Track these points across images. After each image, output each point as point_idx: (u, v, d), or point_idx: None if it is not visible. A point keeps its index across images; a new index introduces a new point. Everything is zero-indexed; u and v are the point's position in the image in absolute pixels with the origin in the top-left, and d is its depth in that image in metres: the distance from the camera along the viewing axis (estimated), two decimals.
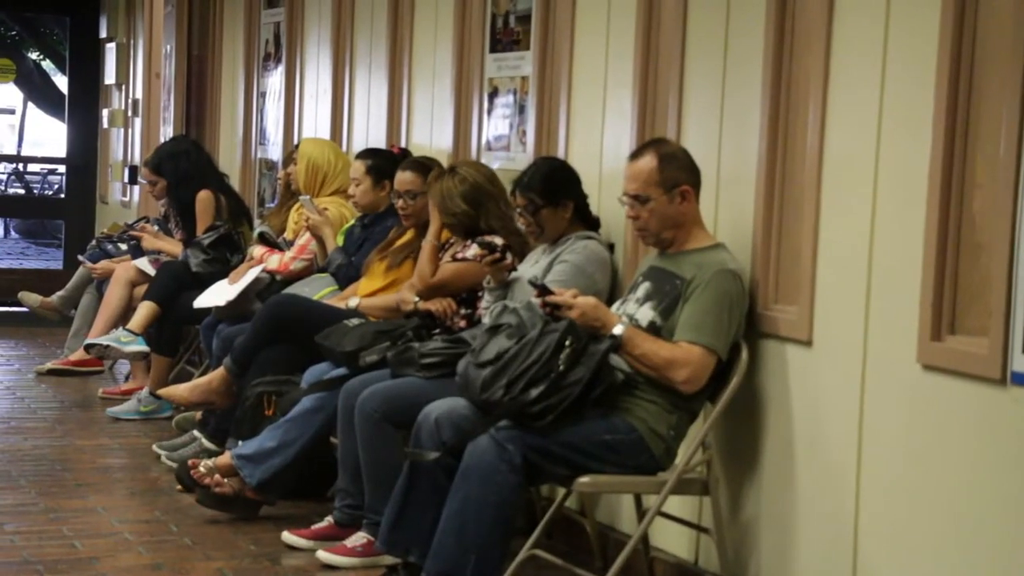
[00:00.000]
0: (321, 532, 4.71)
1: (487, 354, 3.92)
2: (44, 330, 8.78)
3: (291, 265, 6.15)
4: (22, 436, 6.38)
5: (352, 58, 6.85)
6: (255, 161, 8.20)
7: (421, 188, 5.24)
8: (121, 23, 10.60)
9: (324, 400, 4.89)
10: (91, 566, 4.49)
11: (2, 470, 5.71)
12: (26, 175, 19.85)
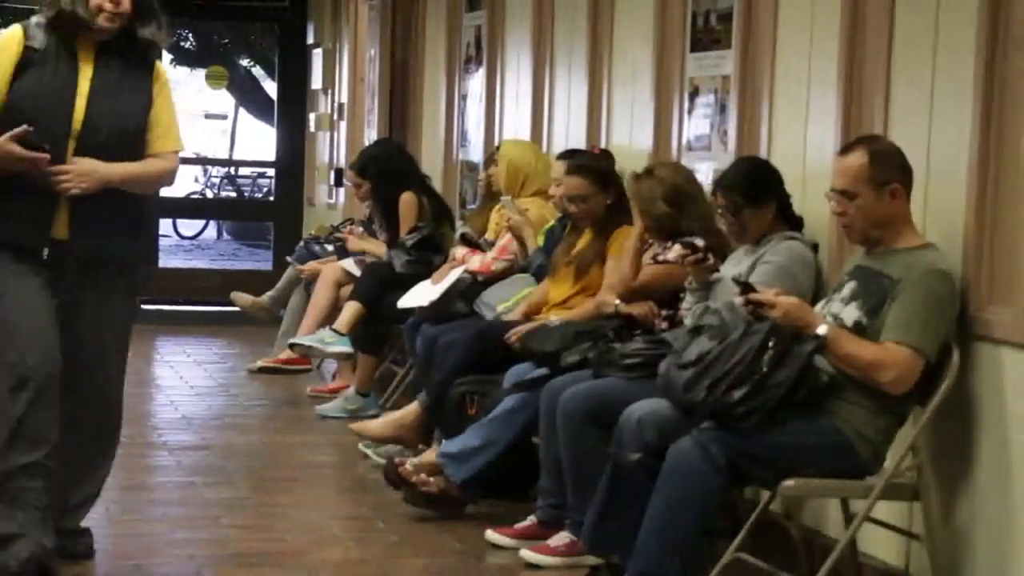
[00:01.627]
0: (524, 531, 4.74)
1: (689, 355, 3.90)
2: (255, 329, 9.04)
3: (493, 265, 6.21)
4: (236, 432, 6.59)
5: (552, 59, 6.88)
6: (457, 163, 8.30)
7: (587, 191, 5.30)
8: (327, 29, 10.85)
9: (526, 400, 4.92)
10: (301, 560, 4.61)
11: (217, 465, 5.90)
12: (237, 179, 20.47)
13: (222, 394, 7.60)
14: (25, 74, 4.00)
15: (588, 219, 5.37)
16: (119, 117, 4.08)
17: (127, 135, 4.10)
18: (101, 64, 4.08)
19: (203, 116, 24.11)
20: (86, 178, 3.98)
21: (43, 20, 4.06)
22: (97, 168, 4.00)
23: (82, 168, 3.98)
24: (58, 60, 4.03)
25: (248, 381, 7.93)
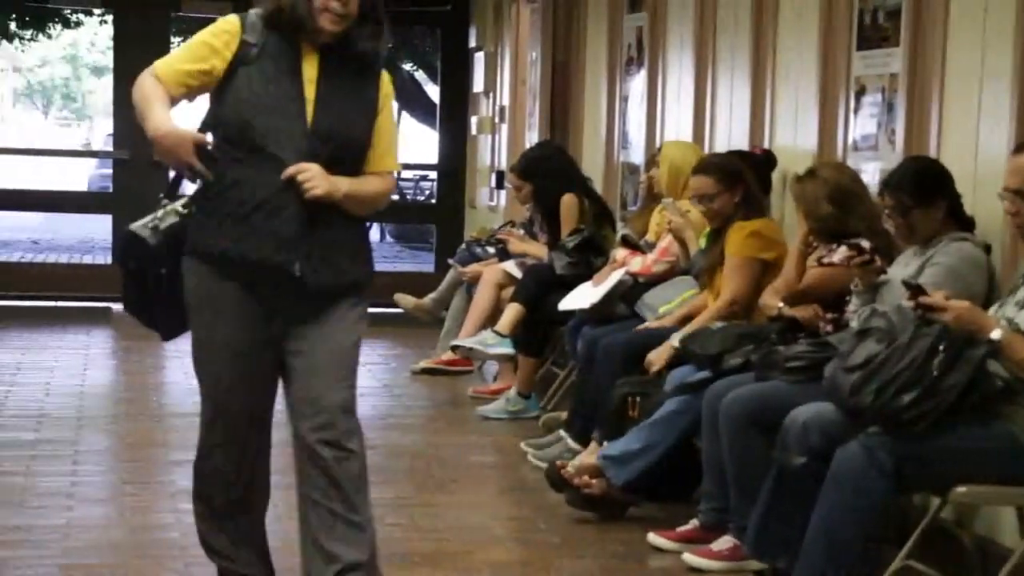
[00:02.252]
0: (687, 534, 4.71)
1: (856, 358, 3.83)
2: (418, 330, 9.13)
3: (653, 267, 6.19)
4: (399, 432, 6.67)
5: (714, 59, 6.82)
6: (618, 165, 8.29)
7: (713, 190, 5.31)
8: (489, 33, 10.92)
9: (688, 402, 4.89)
10: (463, 560, 4.64)
11: (382, 464, 5.97)
12: (400, 181, 20.72)
13: (385, 395, 7.70)
14: (238, 72, 3.59)
15: (718, 219, 5.36)
16: (348, 128, 3.66)
17: (353, 149, 3.69)
18: (326, 68, 3.65)
19: None
20: (323, 181, 3.55)
21: (260, 14, 3.66)
22: (327, 174, 3.57)
23: (317, 170, 3.55)
24: (278, 60, 3.62)
25: (411, 382, 8.02)
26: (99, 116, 43.06)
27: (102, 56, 40.62)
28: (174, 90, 3.58)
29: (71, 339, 9.01)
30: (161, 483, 5.50)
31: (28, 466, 5.59)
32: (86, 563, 4.42)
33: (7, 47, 22.16)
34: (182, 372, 8.01)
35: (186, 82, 3.59)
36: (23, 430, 6.23)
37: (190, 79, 3.59)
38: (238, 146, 3.57)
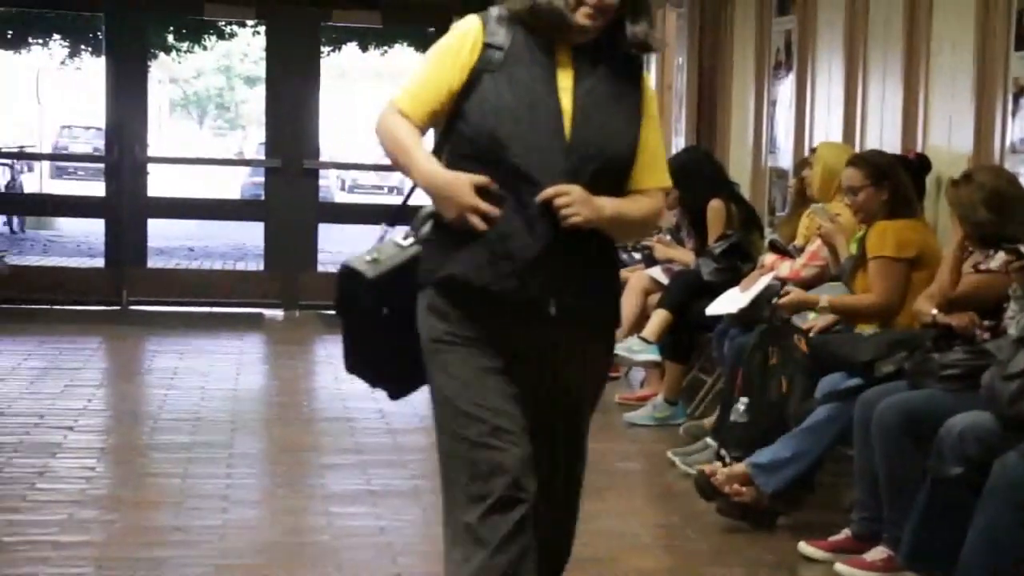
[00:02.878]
0: (839, 544, 4.64)
1: (1015, 366, 3.75)
2: None
3: (802, 272, 6.11)
4: None
5: (865, 62, 6.72)
6: (765, 169, 8.21)
7: (859, 183, 5.25)
8: None
9: (839, 410, 4.83)
10: (610, 567, 4.64)
11: None
12: None
13: None
14: (482, 80, 3.12)
15: (861, 213, 5.29)
16: (611, 141, 3.14)
17: (617, 165, 3.17)
18: (582, 72, 3.15)
19: None
20: (585, 206, 3.05)
21: (505, 12, 3.20)
22: (590, 197, 3.07)
23: (579, 194, 3.05)
24: (529, 64, 3.13)
25: None
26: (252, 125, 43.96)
27: (254, 66, 41.48)
28: (422, 122, 3.18)
29: (225, 344, 9.19)
30: (312, 486, 5.59)
31: (185, 468, 5.72)
32: (240, 563, 4.51)
33: (164, 59, 22.75)
34: (332, 377, 8.14)
35: (433, 110, 3.16)
36: (180, 433, 6.38)
37: (436, 105, 3.16)
38: (483, 166, 3.08)
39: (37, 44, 20.89)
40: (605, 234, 3.15)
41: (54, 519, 4.89)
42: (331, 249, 16.04)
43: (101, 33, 13.13)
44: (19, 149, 22.51)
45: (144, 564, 4.44)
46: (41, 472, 5.55)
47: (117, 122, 10.73)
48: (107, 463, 5.88)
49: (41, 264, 13.98)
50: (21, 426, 6.38)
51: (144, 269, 10.95)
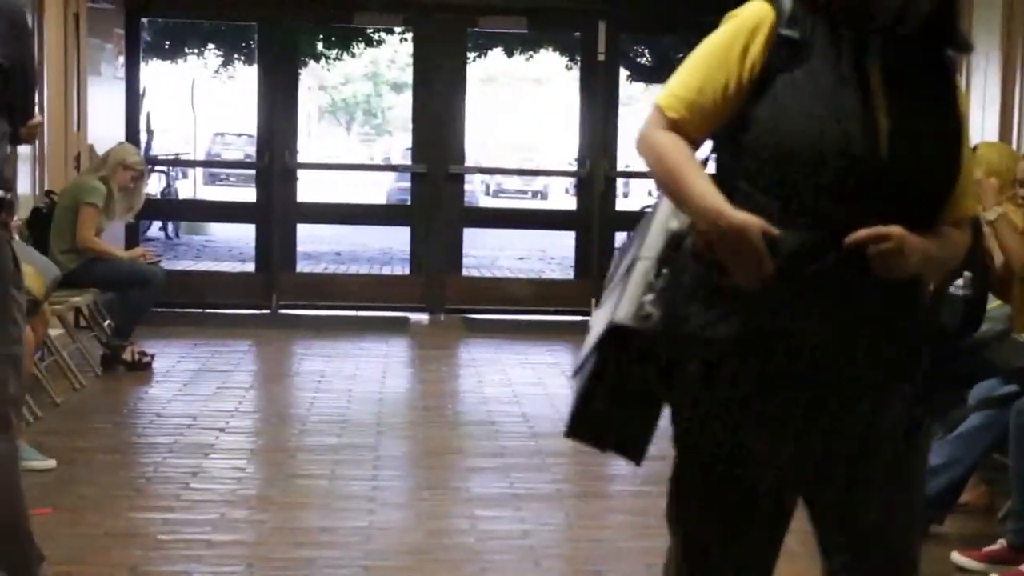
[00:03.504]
0: (994, 554, 4.53)
1: None
2: None
3: None
4: None
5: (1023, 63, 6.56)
6: None
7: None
8: None
9: (993, 417, 4.71)
10: None
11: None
12: None
13: None
14: (776, 81, 2.46)
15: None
16: (934, 163, 2.50)
17: (939, 193, 2.51)
18: (894, 74, 2.49)
19: None
20: (914, 255, 2.43)
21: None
22: (915, 241, 2.43)
23: (902, 239, 2.40)
24: (836, 61, 2.46)
25: None
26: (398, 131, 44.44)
27: (401, 73, 41.94)
28: (698, 133, 2.54)
29: (371, 347, 9.30)
30: (457, 489, 5.62)
31: (332, 470, 5.79)
32: (386, 564, 4.55)
33: (314, 67, 23.12)
34: (476, 380, 8.19)
35: (711, 117, 2.52)
36: (327, 435, 6.47)
37: (716, 112, 2.51)
38: (770, 192, 2.45)
39: (192, 54, 21.42)
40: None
41: (206, 518, 4.99)
42: (476, 253, 16.15)
43: (254, 42, 13.42)
44: (174, 157, 23.06)
45: (293, 564, 4.50)
46: (194, 472, 5.67)
47: (268, 129, 10.93)
48: (257, 464, 5.99)
49: (194, 269, 14.31)
50: (175, 427, 6.53)
51: (293, 273, 11.12)
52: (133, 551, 4.58)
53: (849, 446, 2.55)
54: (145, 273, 8.10)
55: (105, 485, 5.40)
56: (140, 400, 7.37)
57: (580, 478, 5.91)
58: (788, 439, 2.51)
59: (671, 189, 2.50)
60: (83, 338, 8.19)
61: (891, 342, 2.49)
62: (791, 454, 2.53)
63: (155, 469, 5.73)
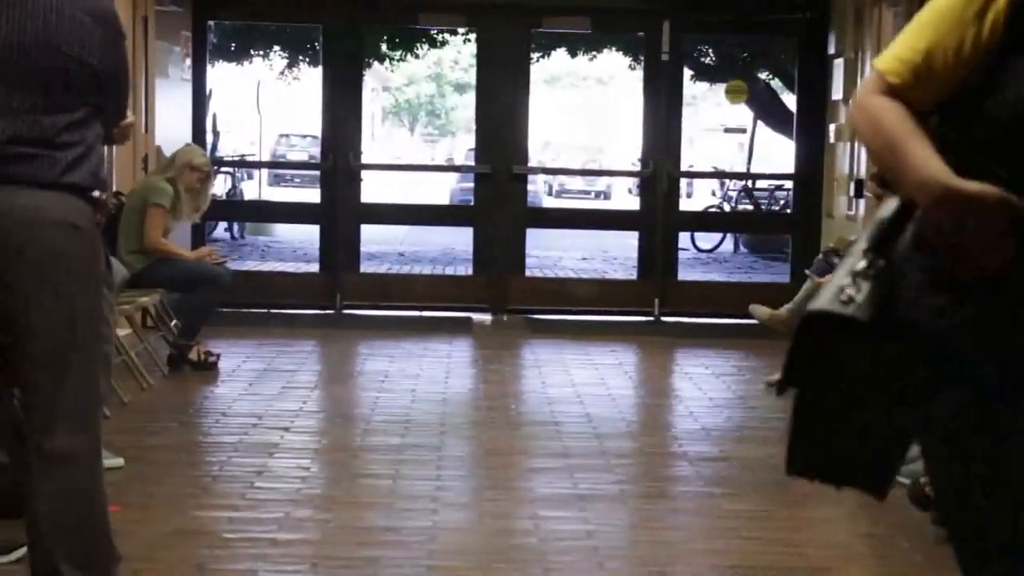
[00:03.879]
0: None
1: None
2: (773, 342, 9.00)
3: None
4: (755, 444, 6.59)
5: None
6: None
7: None
8: (849, 39, 10.69)
9: None
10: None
11: (737, 477, 5.93)
12: (754, 192, 20.56)
13: (740, 406, 7.64)
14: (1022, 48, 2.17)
15: None
16: None
17: None
18: None
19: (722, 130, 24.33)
20: None
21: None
22: None
23: None
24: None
25: (766, 394, 7.92)
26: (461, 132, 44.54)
27: (464, 73, 42.03)
28: (926, 99, 2.25)
29: (434, 348, 9.32)
30: (520, 490, 5.62)
31: (396, 470, 5.82)
32: (450, 565, 4.56)
33: (378, 68, 23.22)
34: (539, 381, 8.19)
35: (941, 82, 2.24)
36: (391, 435, 6.50)
37: (947, 75, 2.23)
38: (1009, 160, 2.16)
39: (258, 56, 21.57)
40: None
41: (271, 517, 5.03)
42: (539, 254, 16.16)
43: (318, 44, 13.49)
44: (240, 158, 23.24)
45: (357, 563, 4.53)
46: (259, 471, 5.71)
47: (333, 130, 10.99)
48: (321, 463, 6.03)
49: (259, 269, 14.42)
50: (240, 426, 6.58)
51: (357, 274, 11.18)
52: (199, 549, 4.63)
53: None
54: (211, 273, 8.17)
55: (172, 483, 5.46)
56: (206, 399, 7.44)
57: (644, 479, 5.90)
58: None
59: (888, 160, 2.24)
60: (150, 338, 8.27)
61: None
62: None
63: (221, 468, 5.78)
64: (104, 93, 3.43)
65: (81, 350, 3.37)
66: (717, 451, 6.45)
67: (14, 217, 3.24)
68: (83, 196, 3.36)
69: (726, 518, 5.25)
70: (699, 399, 7.77)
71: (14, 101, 3.27)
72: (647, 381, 8.82)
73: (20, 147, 3.27)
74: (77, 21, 3.32)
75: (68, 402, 3.37)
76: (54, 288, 3.29)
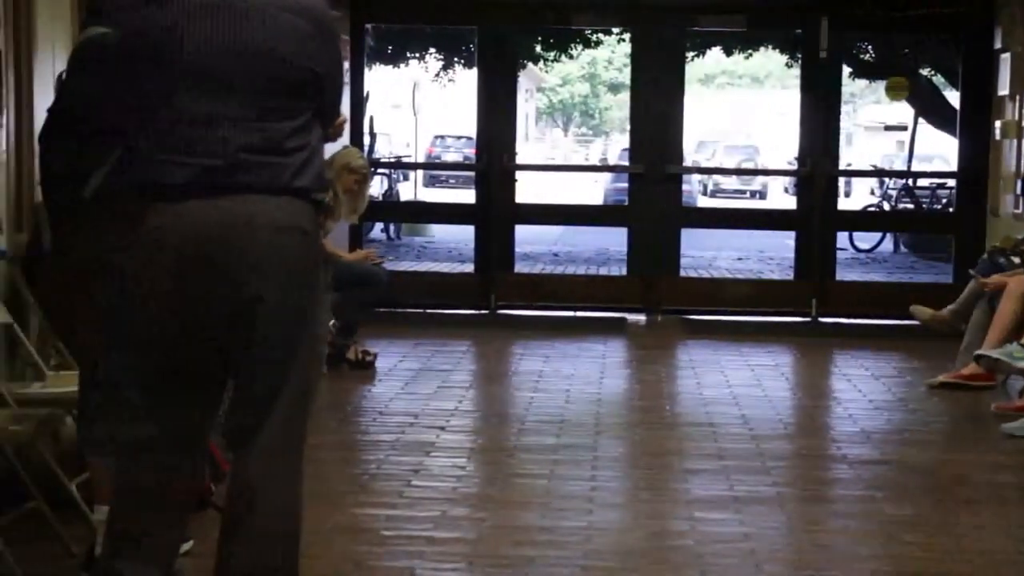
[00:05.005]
0: None
1: None
2: (935, 343, 8.83)
3: None
4: (916, 448, 6.46)
5: None
6: None
7: None
8: (1017, 33, 10.41)
9: None
10: None
11: (897, 480, 5.82)
12: (915, 190, 20.15)
13: (901, 408, 7.49)
14: None
15: None
16: None
17: None
18: None
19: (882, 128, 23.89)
20: None
21: None
22: None
23: None
24: None
25: (927, 396, 7.76)
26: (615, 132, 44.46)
27: (618, 73, 41.96)
28: None
29: (588, 348, 9.32)
30: (676, 491, 5.59)
31: (551, 470, 5.82)
32: (605, 566, 4.55)
33: (532, 69, 23.31)
34: (694, 381, 8.14)
35: None
36: (545, 435, 6.51)
37: None
38: None
39: (414, 58, 21.82)
40: None
41: (428, 515, 5.08)
42: (693, 253, 16.05)
43: (473, 46, 13.59)
44: (396, 159, 23.51)
45: (513, 562, 4.54)
46: (416, 470, 5.77)
47: (487, 131, 11.05)
48: (477, 462, 6.06)
49: (415, 269, 14.57)
50: (398, 425, 6.66)
51: (511, 274, 11.22)
52: (358, 546, 4.69)
53: None
54: (369, 274, 8.28)
55: (331, 481, 5.54)
56: (363, 398, 7.54)
57: (802, 481, 5.82)
58: None
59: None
60: None
61: None
62: None
63: (378, 466, 5.85)
64: (323, 95, 3.45)
65: (302, 350, 3.41)
66: (877, 454, 6.33)
67: (247, 224, 3.27)
68: (308, 199, 3.39)
69: (887, 523, 5.14)
70: (858, 401, 7.63)
71: (241, 110, 3.29)
72: (804, 383, 8.70)
73: (251, 155, 3.29)
74: (293, 25, 3.32)
75: (286, 400, 3.39)
76: (284, 292, 3.32)
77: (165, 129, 3.28)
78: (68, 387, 4.72)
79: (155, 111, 3.30)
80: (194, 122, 3.28)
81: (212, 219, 3.25)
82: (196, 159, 3.27)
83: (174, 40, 3.25)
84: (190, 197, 3.26)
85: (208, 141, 3.27)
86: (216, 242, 3.25)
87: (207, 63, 3.27)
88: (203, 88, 3.28)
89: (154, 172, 3.28)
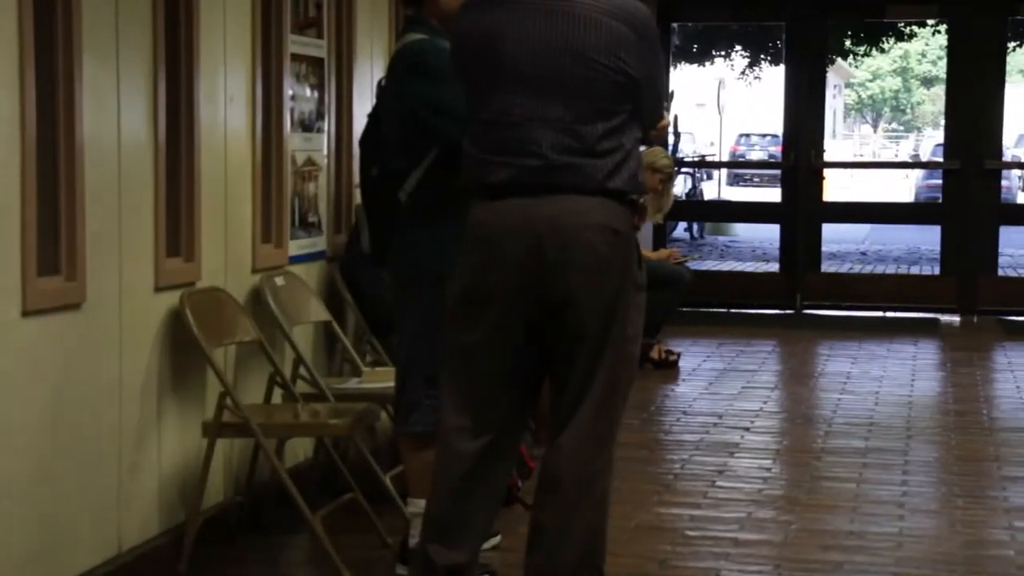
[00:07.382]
0: None
1: None
2: None
3: None
4: None
5: None
6: None
7: None
8: None
9: None
10: None
11: None
12: None
13: None
14: None
15: None
16: None
17: None
18: None
19: None
20: None
21: None
22: None
23: None
24: None
25: None
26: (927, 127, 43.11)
27: (932, 67, 40.66)
28: None
29: (899, 349, 9.07)
30: (994, 498, 5.36)
31: (860, 473, 5.69)
32: (919, 573, 4.41)
33: (840, 64, 22.82)
34: (1014, 385, 7.80)
35: None
36: (853, 438, 6.36)
37: None
38: None
39: (719, 56, 21.70)
40: None
41: (733, 516, 5.03)
42: (1012, 252, 15.38)
43: (780, 42, 13.40)
44: (700, 158, 23.41)
45: (821, 567, 4.45)
46: (720, 471, 5.72)
47: (794, 128, 10.88)
48: (782, 464, 5.97)
49: (719, 269, 14.48)
50: (701, 425, 6.62)
51: (817, 273, 11.03)
52: (661, 545, 4.69)
53: None
54: (673, 273, 8.27)
55: (635, 480, 5.55)
56: (667, 398, 7.53)
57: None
58: None
59: None
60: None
61: None
62: None
63: (682, 466, 5.83)
64: (640, 99, 3.46)
65: (613, 349, 3.44)
66: None
67: (560, 223, 3.33)
68: (623, 201, 3.43)
69: None
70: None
71: (554, 111, 3.33)
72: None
73: (563, 156, 3.35)
74: (611, 29, 3.34)
75: (593, 399, 3.43)
76: (597, 291, 3.37)
77: (485, 130, 3.37)
78: (384, 383, 4.88)
79: (477, 112, 3.39)
80: (512, 123, 3.34)
81: (530, 217, 3.31)
82: (517, 159, 3.33)
83: (496, 44, 3.33)
84: (509, 196, 3.32)
85: (524, 142, 3.33)
86: (532, 240, 3.30)
87: (526, 66, 3.33)
88: (521, 90, 3.34)
89: (480, 172, 3.37)
